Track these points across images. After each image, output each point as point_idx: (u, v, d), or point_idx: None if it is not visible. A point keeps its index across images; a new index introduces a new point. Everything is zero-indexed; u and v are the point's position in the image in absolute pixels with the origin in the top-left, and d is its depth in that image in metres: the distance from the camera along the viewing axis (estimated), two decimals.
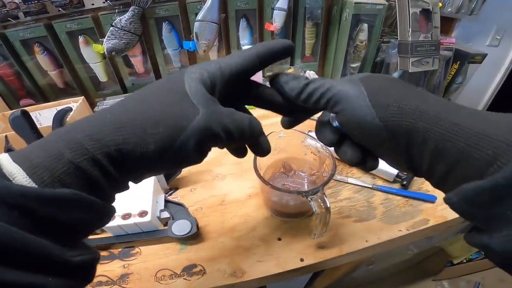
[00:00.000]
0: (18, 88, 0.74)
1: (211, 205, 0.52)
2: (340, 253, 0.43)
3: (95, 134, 0.18)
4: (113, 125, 0.19)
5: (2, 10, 0.61)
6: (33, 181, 0.16)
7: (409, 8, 0.82)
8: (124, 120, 0.19)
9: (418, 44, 0.87)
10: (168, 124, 0.19)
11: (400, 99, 0.21)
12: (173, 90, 0.21)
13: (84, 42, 0.70)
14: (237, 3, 0.76)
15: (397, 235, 0.45)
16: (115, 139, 0.18)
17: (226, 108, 0.22)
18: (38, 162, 0.16)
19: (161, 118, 0.19)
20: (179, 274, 0.41)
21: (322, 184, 0.39)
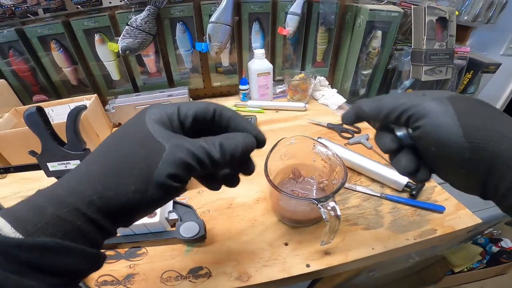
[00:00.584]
0: (32, 84, 0.75)
1: (219, 208, 0.52)
2: (346, 260, 0.43)
3: (75, 188, 0.20)
4: (90, 177, 0.20)
5: (22, 6, 0.62)
6: (18, 232, 0.17)
7: (425, 16, 0.81)
8: (100, 170, 0.20)
9: (433, 52, 0.86)
10: (141, 166, 0.20)
11: (489, 123, 0.22)
12: (139, 132, 0.21)
13: (99, 40, 0.71)
14: (251, 6, 0.77)
15: (404, 244, 0.45)
16: (95, 188, 0.19)
17: (193, 139, 0.22)
18: (22, 216, 0.18)
19: (134, 161, 0.20)
20: (185, 276, 0.41)
21: (333, 192, 0.39)
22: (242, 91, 0.88)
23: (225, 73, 0.89)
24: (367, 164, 0.58)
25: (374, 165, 0.57)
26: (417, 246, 0.46)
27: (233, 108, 0.83)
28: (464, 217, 0.49)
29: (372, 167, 0.57)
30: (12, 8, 0.64)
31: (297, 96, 0.87)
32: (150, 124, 0.21)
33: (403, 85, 0.99)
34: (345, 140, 0.72)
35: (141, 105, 0.75)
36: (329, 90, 0.90)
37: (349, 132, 0.74)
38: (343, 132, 0.74)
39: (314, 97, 0.92)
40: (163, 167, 0.20)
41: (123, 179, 0.20)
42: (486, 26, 1.03)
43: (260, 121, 0.79)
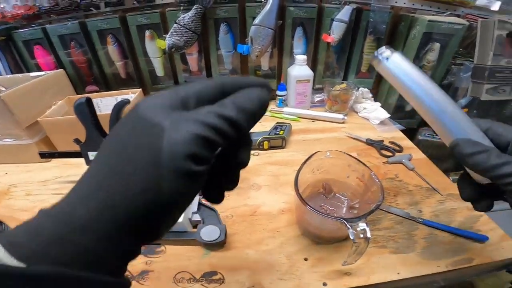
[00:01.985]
0: (87, 75, 0.82)
1: (243, 214, 0.51)
2: (367, 282, 0.40)
3: (76, 201, 0.16)
4: (92, 185, 0.16)
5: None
6: (14, 257, 0.14)
7: (495, 30, 0.73)
8: (98, 178, 0.16)
9: (498, 69, 0.77)
10: (142, 157, 0.16)
11: None
12: (130, 123, 0.17)
13: (149, 36, 0.74)
14: (296, 11, 0.75)
15: (434, 271, 0.41)
16: (98, 197, 0.16)
17: (197, 109, 0.17)
18: (16, 237, 0.15)
19: (132, 154, 0.16)
20: (198, 279, 0.41)
21: (366, 214, 0.36)
22: (279, 97, 0.86)
23: (263, 77, 0.88)
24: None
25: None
26: (448, 274, 0.42)
27: (268, 114, 0.83)
28: (508, 249, 0.43)
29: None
30: (78, 1, 0.69)
31: (336, 107, 0.83)
32: (141, 111, 0.17)
33: (458, 103, 0.89)
34: (384, 158, 0.66)
35: None
36: (371, 103, 0.85)
37: (389, 150, 0.69)
38: (382, 150, 0.69)
39: (355, 110, 0.87)
40: (170, 149, 0.15)
41: (126, 178, 0.16)
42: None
43: (295, 129, 0.76)
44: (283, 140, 0.68)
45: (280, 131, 0.69)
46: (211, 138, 0.16)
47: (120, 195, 0.16)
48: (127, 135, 0.17)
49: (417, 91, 0.28)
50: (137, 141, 0.16)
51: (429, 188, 0.57)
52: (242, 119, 0.17)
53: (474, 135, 0.27)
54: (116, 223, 0.16)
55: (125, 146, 0.17)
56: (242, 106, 0.17)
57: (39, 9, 0.70)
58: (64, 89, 0.73)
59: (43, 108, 0.64)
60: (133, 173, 0.16)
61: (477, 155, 0.26)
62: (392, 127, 0.80)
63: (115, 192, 0.16)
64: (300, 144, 0.71)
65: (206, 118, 0.16)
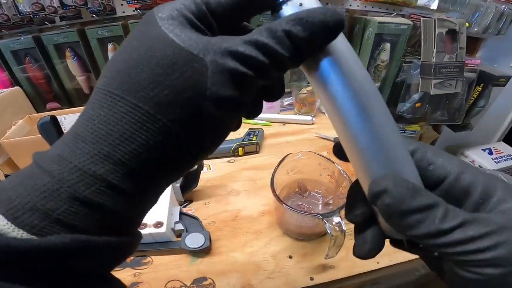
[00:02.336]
0: (46, 91, 0.78)
1: (224, 220, 0.52)
2: (350, 273, 0.43)
3: (104, 149, 0.13)
4: (113, 132, 0.13)
5: (40, 14, 0.64)
6: (18, 227, 0.12)
7: (435, 28, 0.81)
8: (122, 117, 0.13)
9: (442, 65, 0.86)
10: (181, 103, 0.14)
11: None
12: (156, 47, 0.14)
13: (113, 49, 0.73)
14: (260, 18, 0.78)
15: (410, 258, 0.44)
16: (126, 151, 0.13)
17: (244, 35, 0.14)
18: (21, 202, 0.12)
19: (169, 95, 0.13)
20: (189, 286, 0.41)
21: (339, 208, 0.39)
22: None
23: None
24: None
25: None
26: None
27: None
28: None
29: None
30: (31, 15, 0.66)
31: (304, 109, 0.87)
32: (169, 30, 0.14)
33: (411, 99, 0.98)
34: None
35: None
36: None
37: None
38: None
39: (321, 111, 0.92)
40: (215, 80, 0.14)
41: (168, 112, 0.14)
42: (496, 38, 1.02)
43: (267, 134, 0.79)
44: (256, 145, 0.70)
45: (253, 137, 0.71)
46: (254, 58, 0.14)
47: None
48: (152, 60, 0.14)
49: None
50: (172, 81, 0.13)
51: None
52: (313, 34, 0.14)
53: (406, 169, 0.17)
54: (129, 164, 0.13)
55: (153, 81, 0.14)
56: (313, 22, 0.14)
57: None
58: (22, 108, 0.69)
59: (3, 129, 0.60)
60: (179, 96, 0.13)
61: (418, 214, 0.15)
62: None
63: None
64: (273, 147, 0.74)
65: (265, 38, 0.14)
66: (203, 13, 0.15)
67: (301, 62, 0.16)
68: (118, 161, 0.13)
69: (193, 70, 0.14)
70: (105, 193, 0.13)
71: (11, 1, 0.62)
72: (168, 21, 0.14)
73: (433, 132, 1.18)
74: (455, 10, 0.88)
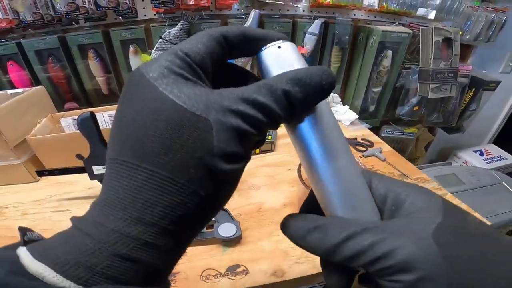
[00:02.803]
0: (65, 92, 0.80)
1: (249, 212, 0.55)
2: None
3: (134, 214, 0.14)
4: (138, 199, 0.14)
5: (73, 14, 0.66)
6: (68, 279, 0.13)
7: (433, 37, 0.88)
8: (143, 185, 0.14)
9: (439, 71, 0.93)
10: (194, 164, 0.14)
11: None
12: (158, 110, 0.14)
13: (134, 51, 0.76)
14: (273, 25, 0.83)
15: None
16: (154, 214, 0.14)
17: (241, 89, 0.15)
18: (67, 258, 0.13)
19: (181, 158, 0.14)
20: (224, 273, 0.44)
21: None
22: None
23: None
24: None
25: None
26: None
27: None
28: None
29: None
30: (60, 16, 0.68)
31: None
32: (166, 90, 0.14)
33: (410, 103, 1.05)
34: (359, 153, 0.76)
35: None
36: (341, 107, 0.96)
37: (363, 146, 0.79)
38: (357, 146, 0.79)
39: None
40: (220, 149, 0.14)
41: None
42: (486, 45, 1.10)
43: (280, 134, 0.83)
44: (272, 144, 0.74)
45: (269, 136, 0.75)
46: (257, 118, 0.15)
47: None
48: (153, 123, 0.14)
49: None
50: (182, 143, 0.14)
51: (400, 174, 0.68)
52: (307, 97, 0.15)
53: (365, 203, 0.19)
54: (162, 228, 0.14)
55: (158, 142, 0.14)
56: (306, 85, 0.15)
57: (22, 23, 0.67)
58: (46, 107, 0.71)
59: (28, 127, 0.62)
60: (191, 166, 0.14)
61: (309, 235, 0.17)
62: (361, 126, 0.91)
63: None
64: (286, 146, 0.78)
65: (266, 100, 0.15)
66: (188, 64, 0.15)
67: (292, 119, 0.17)
68: (148, 222, 0.14)
69: (199, 130, 0.14)
70: (142, 250, 0.14)
71: (48, 0, 0.64)
72: (162, 81, 0.14)
73: (428, 134, 1.25)
74: (450, 19, 0.95)
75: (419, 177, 0.66)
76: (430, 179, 0.65)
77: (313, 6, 0.85)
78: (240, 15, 0.80)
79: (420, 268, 0.14)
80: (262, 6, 0.81)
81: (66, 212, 0.55)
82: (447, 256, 0.14)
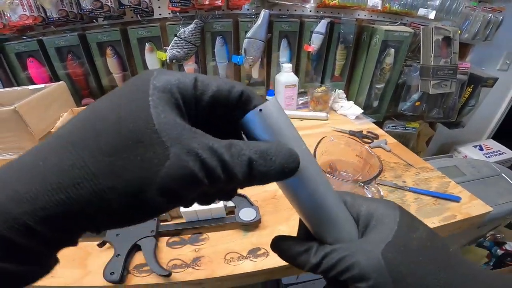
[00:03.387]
0: (83, 88, 0.82)
1: (265, 199, 0.58)
2: None
3: (24, 194, 0.13)
4: (50, 178, 0.13)
5: (97, 12, 0.68)
6: None
7: (433, 36, 0.92)
8: (65, 169, 0.14)
9: (439, 68, 0.97)
10: (128, 178, 0.14)
11: None
12: (133, 115, 0.14)
13: (149, 49, 0.79)
14: (282, 24, 0.86)
15: (432, 227, 0.52)
16: (53, 199, 0.13)
17: (214, 140, 0.15)
18: None
19: (120, 167, 0.14)
20: (245, 256, 0.47)
21: (376, 175, 0.47)
22: None
23: (252, 85, 0.97)
24: None
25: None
26: (441, 230, 0.54)
27: None
28: (478, 206, 0.57)
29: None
30: (86, 13, 0.70)
31: (319, 107, 0.95)
32: (154, 103, 0.14)
33: (411, 98, 1.08)
34: (366, 144, 0.79)
35: None
36: (346, 102, 0.99)
37: (369, 138, 0.82)
38: (363, 138, 0.82)
39: (333, 108, 1.00)
40: (159, 186, 0.14)
41: (99, 191, 0.14)
42: (484, 43, 1.15)
43: None
44: None
45: None
46: (200, 180, 0.15)
47: (88, 194, 0.14)
48: (125, 127, 0.14)
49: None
50: (136, 154, 0.14)
51: (406, 164, 0.71)
52: (245, 179, 0.16)
53: (346, 224, 0.22)
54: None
55: (119, 137, 0.14)
56: (256, 172, 0.16)
57: (47, 20, 0.69)
58: (67, 102, 0.74)
59: (52, 120, 0.65)
60: (121, 177, 0.14)
61: (298, 257, 0.22)
62: (365, 120, 0.94)
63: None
64: None
65: (211, 162, 0.15)
66: (192, 97, 0.16)
67: (250, 185, 0.17)
68: (42, 205, 0.13)
69: (154, 154, 0.14)
70: (19, 231, 0.13)
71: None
72: (158, 93, 0.15)
73: (429, 129, 1.29)
74: (449, 19, 0.99)
75: (424, 166, 0.70)
76: (433, 169, 0.69)
77: (319, 7, 0.89)
78: (250, 15, 0.84)
79: (372, 278, 0.18)
80: (271, 7, 0.84)
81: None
82: (391, 269, 0.19)
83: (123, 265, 0.42)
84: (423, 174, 0.67)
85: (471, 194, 0.60)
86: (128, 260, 0.44)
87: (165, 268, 0.44)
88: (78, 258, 0.46)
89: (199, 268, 0.45)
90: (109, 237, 0.46)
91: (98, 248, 0.46)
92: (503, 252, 1.06)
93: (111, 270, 0.41)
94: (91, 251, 0.47)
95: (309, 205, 0.21)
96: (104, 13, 0.67)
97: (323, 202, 0.21)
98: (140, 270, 0.44)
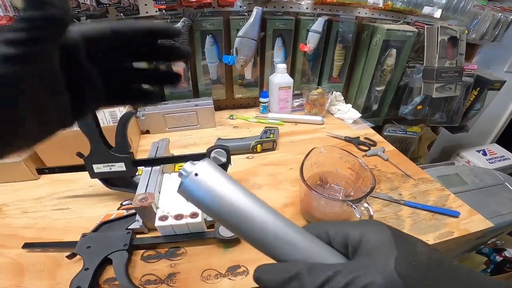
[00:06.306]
0: None
1: None
2: None
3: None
4: None
5: (73, 11, 0.63)
6: None
7: (438, 36, 0.87)
8: None
9: (443, 70, 0.91)
10: None
11: None
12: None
13: None
14: (276, 22, 0.82)
15: None
16: None
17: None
18: None
19: None
20: (224, 274, 0.44)
21: (366, 194, 0.43)
22: (262, 104, 0.92)
23: (245, 85, 0.93)
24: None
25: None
26: (437, 247, 0.50)
27: (254, 120, 0.88)
28: (478, 222, 0.53)
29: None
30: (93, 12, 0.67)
31: (314, 110, 0.91)
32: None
33: (413, 102, 1.03)
34: (362, 152, 0.75)
35: (169, 114, 0.79)
36: (344, 105, 0.95)
37: (365, 145, 0.78)
38: (360, 145, 0.78)
39: (330, 112, 0.96)
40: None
41: None
42: (492, 44, 1.09)
43: (281, 132, 0.82)
44: (273, 142, 0.74)
45: (270, 135, 0.75)
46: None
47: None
48: None
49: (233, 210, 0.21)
50: None
51: (403, 174, 0.67)
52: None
53: (321, 252, 0.20)
54: None
55: None
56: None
57: None
58: None
59: None
60: None
61: (287, 286, 0.19)
62: (363, 125, 0.90)
63: None
64: (288, 145, 0.77)
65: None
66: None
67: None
68: None
69: None
70: None
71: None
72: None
73: (431, 134, 1.24)
74: (456, 18, 0.94)
75: (422, 177, 0.66)
76: (433, 180, 0.65)
77: (316, 4, 0.84)
78: (242, 12, 0.79)
79: None
80: (264, 3, 0.80)
81: (66, 210, 0.55)
82: (408, 286, 0.16)
83: (90, 280, 0.39)
84: (421, 186, 0.63)
85: (471, 208, 0.56)
86: (97, 274, 0.42)
87: (137, 284, 0.41)
88: (47, 269, 0.43)
89: (173, 285, 0.42)
90: (78, 250, 0.44)
91: (69, 260, 0.44)
92: (502, 258, 1.02)
93: (77, 284, 0.39)
94: (62, 262, 0.44)
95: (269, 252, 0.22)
96: (84, 12, 0.63)
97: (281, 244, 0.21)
98: (111, 284, 0.41)
